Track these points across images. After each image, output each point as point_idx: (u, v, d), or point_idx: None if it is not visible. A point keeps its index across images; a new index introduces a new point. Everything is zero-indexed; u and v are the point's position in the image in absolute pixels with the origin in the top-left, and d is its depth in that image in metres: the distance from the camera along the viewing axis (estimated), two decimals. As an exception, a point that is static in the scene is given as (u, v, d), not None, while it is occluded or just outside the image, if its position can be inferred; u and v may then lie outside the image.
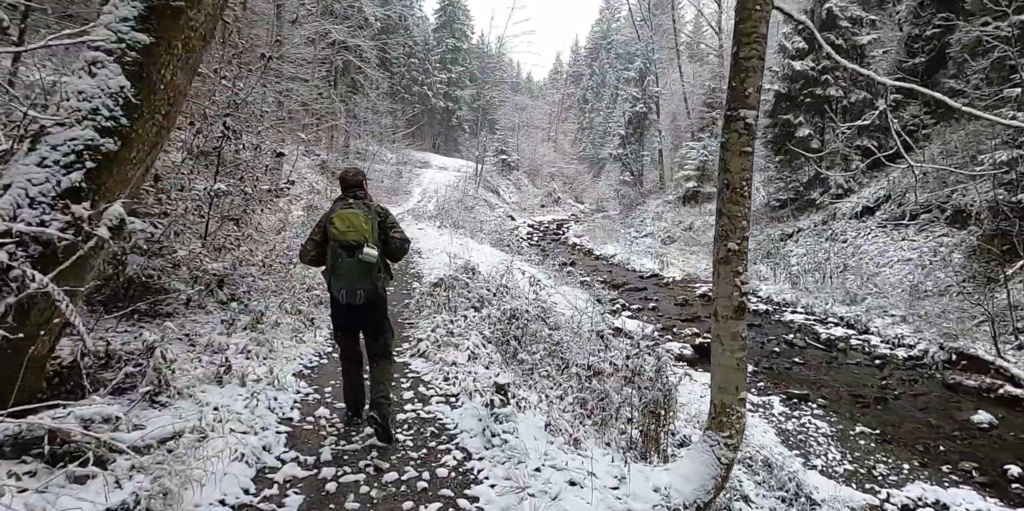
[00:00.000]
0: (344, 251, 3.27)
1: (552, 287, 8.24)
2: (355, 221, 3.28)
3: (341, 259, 3.28)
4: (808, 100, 16.02)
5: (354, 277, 3.29)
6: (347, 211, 3.33)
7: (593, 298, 8.57)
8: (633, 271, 16.73)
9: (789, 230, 15.97)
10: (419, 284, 8.05)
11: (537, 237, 25.55)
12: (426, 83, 51.30)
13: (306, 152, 21.87)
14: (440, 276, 6.78)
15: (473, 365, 4.36)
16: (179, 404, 3.31)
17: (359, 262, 3.25)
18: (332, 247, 3.33)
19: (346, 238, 3.24)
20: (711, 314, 3.08)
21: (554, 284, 9.75)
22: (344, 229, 3.26)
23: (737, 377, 3.09)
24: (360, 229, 3.27)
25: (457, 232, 14.26)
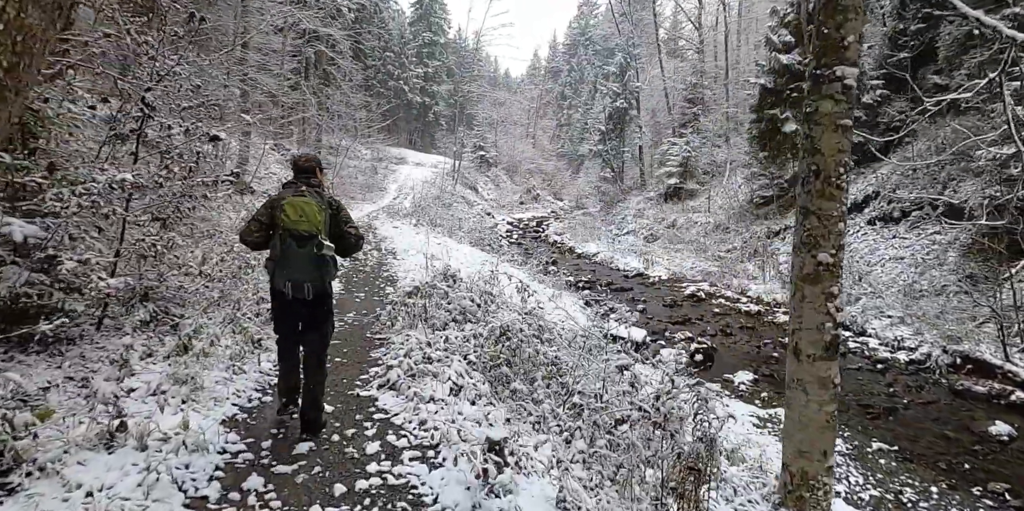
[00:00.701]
0: (294, 241, 3.05)
1: (540, 292, 7.61)
2: (308, 210, 3.08)
3: (290, 249, 3.06)
4: (795, 95, 15.66)
5: (303, 270, 3.09)
6: (300, 199, 3.11)
7: (587, 307, 7.96)
8: (617, 270, 16.22)
9: (776, 227, 15.62)
10: (392, 290, 7.37)
11: (517, 235, 24.93)
12: (402, 77, 50.24)
13: (275, 146, 20.88)
14: (416, 282, 6.11)
15: (456, 401, 3.53)
16: (36, 488, 2.39)
17: (312, 255, 3.06)
18: (281, 235, 3.08)
19: (298, 228, 3.04)
20: (789, 350, 2.30)
21: (542, 288, 9.13)
22: (296, 218, 3.05)
23: (825, 439, 2.32)
24: (313, 220, 3.08)
25: (435, 231, 13.56)
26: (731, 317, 10.96)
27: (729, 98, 26.29)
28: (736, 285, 13.40)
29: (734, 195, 21.49)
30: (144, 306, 4.44)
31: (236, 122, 12.34)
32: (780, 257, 14.53)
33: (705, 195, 23.44)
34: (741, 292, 13.03)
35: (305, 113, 19.30)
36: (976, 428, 6.23)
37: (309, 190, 3.21)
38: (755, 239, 15.76)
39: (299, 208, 3.07)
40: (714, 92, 28.17)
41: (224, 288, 5.69)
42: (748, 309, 11.40)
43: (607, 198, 29.83)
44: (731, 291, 13.14)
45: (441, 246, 10.13)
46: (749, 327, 10.21)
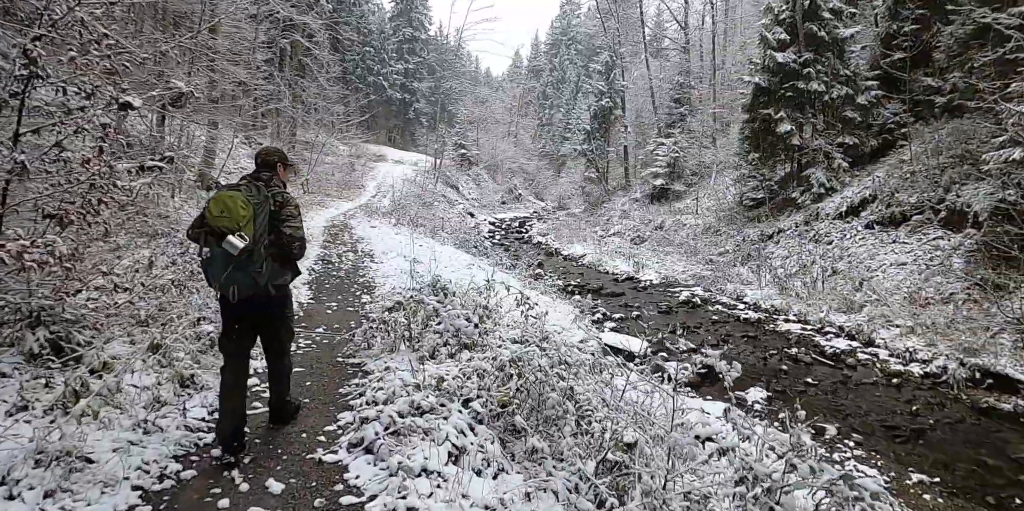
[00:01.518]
0: (213, 238, 2.87)
1: (540, 302, 6.90)
2: (231, 205, 2.83)
3: (212, 248, 2.90)
4: (789, 94, 15.23)
5: (223, 269, 2.90)
6: (226, 193, 2.87)
7: (581, 315, 7.28)
8: (606, 273, 15.60)
9: (769, 231, 15.15)
10: (370, 299, 6.61)
11: (500, 236, 24.22)
12: (382, 73, 49.22)
13: (247, 140, 19.82)
14: (397, 290, 5.38)
15: (458, 473, 2.57)
16: None
17: (224, 252, 2.84)
18: (204, 233, 2.91)
19: (216, 223, 2.82)
20: None
21: (535, 295, 8.42)
22: (217, 213, 2.82)
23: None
24: (235, 215, 2.82)
25: (416, 231, 12.76)
26: (730, 325, 10.39)
27: (716, 98, 25.93)
28: (731, 290, 12.87)
29: (722, 197, 21.08)
30: (32, 333, 3.42)
31: (198, 110, 11.42)
32: (775, 261, 14.06)
33: (692, 197, 23.01)
34: (737, 298, 12.50)
35: (278, 104, 18.29)
36: (1013, 452, 5.70)
37: (250, 184, 3.01)
38: (748, 242, 15.28)
39: (222, 203, 2.83)
40: (700, 92, 27.81)
41: (163, 302, 4.75)
42: (747, 316, 10.85)
43: (591, 199, 29.29)
44: (726, 297, 12.60)
45: (424, 248, 9.37)
46: (751, 336, 9.64)
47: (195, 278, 5.75)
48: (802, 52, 15.17)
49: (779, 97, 15.43)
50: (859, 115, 15.29)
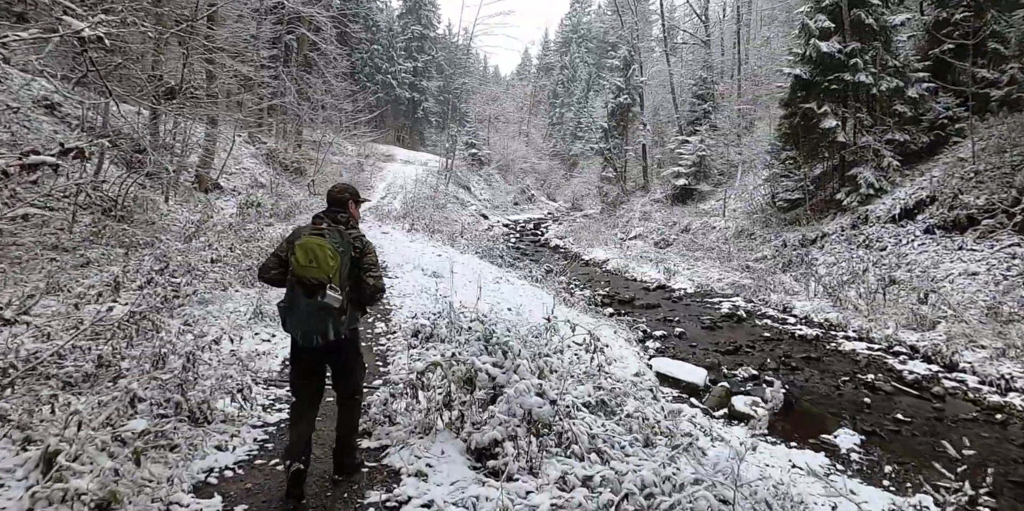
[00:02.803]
0: (301, 288, 2.67)
1: (578, 319, 5.81)
2: (320, 255, 2.66)
3: (298, 297, 2.70)
4: (833, 87, 14.04)
5: (310, 320, 2.72)
6: (313, 240, 2.70)
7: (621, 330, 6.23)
8: (634, 281, 14.50)
9: (811, 235, 13.97)
10: (385, 328, 5.58)
11: (515, 239, 23.13)
12: (390, 72, 48.23)
13: (250, 138, 18.85)
14: (418, 316, 4.38)
15: None
16: None
17: (318, 305, 2.66)
18: (290, 280, 2.75)
19: (305, 274, 2.65)
20: None
21: (575, 315, 7.32)
22: (305, 263, 2.65)
23: None
24: (324, 266, 2.65)
25: (433, 238, 11.66)
26: (785, 343, 9.26)
27: (741, 94, 24.72)
28: (776, 301, 11.73)
29: (750, 198, 19.91)
30: None
31: (194, 104, 10.42)
32: (820, 269, 12.90)
33: (716, 198, 21.85)
34: (784, 309, 11.36)
35: (282, 99, 17.28)
36: None
37: (331, 228, 2.86)
38: (789, 248, 14.11)
39: (310, 251, 2.69)
40: (723, 88, 26.61)
41: (107, 354, 3.55)
42: (802, 333, 9.72)
43: (608, 199, 28.14)
44: (772, 309, 11.47)
45: (443, 258, 8.29)
46: (813, 358, 8.50)
47: (168, 309, 4.74)
48: (847, 41, 13.99)
49: (822, 90, 14.25)
50: (909, 109, 14.08)
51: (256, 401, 3.81)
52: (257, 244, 7.72)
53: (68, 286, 4.73)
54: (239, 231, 8.15)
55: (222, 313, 5.67)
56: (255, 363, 4.54)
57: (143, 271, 5.41)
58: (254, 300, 6.10)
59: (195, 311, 4.93)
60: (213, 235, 7.78)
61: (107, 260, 5.87)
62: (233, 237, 7.98)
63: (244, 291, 6.65)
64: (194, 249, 6.76)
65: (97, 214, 8.50)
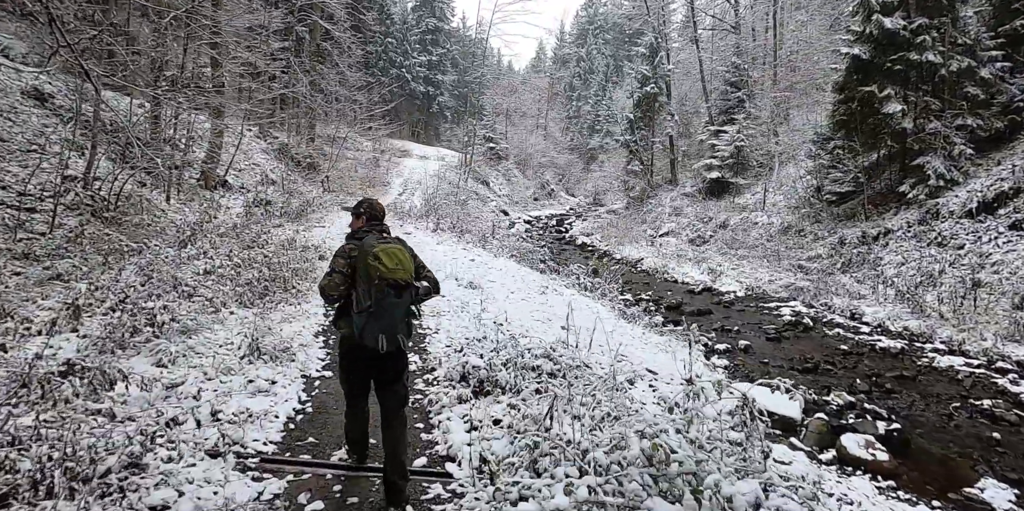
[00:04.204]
0: (392, 290, 2.81)
1: (647, 338, 4.71)
2: (402, 258, 2.88)
3: (387, 300, 2.81)
4: (897, 67, 12.70)
5: (397, 321, 2.87)
6: (392, 246, 2.90)
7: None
8: (675, 282, 13.33)
9: (873, 231, 12.68)
10: (420, 363, 4.51)
11: (538, 236, 22.01)
12: (404, 65, 47.21)
13: (261, 134, 17.91)
14: (465, 355, 3.33)
15: None
16: None
17: (407, 303, 2.89)
18: (377, 286, 2.79)
19: (395, 277, 2.81)
20: None
21: (631, 330, 6.19)
22: (393, 266, 2.82)
23: None
24: (408, 267, 2.89)
25: (462, 239, 10.53)
26: (867, 358, 8.06)
27: (777, 81, 23.31)
28: (841, 306, 10.51)
29: (791, 191, 18.58)
30: None
31: (198, 93, 9.45)
32: (887, 269, 11.63)
33: (753, 191, 20.54)
34: (852, 316, 10.15)
35: (292, 88, 16.26)
36: None
37: (390, 237, 3.06)
38: (848, 246, 12.84)
39: (394, 256, 2.84)
40: (757, 75, 25.18)
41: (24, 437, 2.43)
42: (883, 345, 8.51)
43: (634, 194, 26.89)
44: (838, 315, 10.26)
45: (477, 263, 7.21)
46: (907, 377, 7.30)
47: (136, 341, 3.72)
48: (912, 16, 12.63)
49: (883, 71, 12.91)
50: (981, 91, 12.70)
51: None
52: (261, 251, 6.60)
53: (16, 311, 3.73)
54: (242, 234, 7.09)
55: (209, 348, 4.46)
56: (243, 431, 3.33)
57: (119, 287, 4.40)
58: (251, 327, 4.86)
59: (172, 347, 3.88)
60: (212, 240, 6.77)
61: (81, 272, 4.89)
62: (235, 242, 6.93)
63: (240, 314, 5.46)
64: (187, 257, 5.76)
65: (87, 215, 7.56)
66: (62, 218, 6.91)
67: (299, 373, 4.50)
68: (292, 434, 3.59)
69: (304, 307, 6.31)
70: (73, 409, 2.91)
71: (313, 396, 4.19)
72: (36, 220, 6.59)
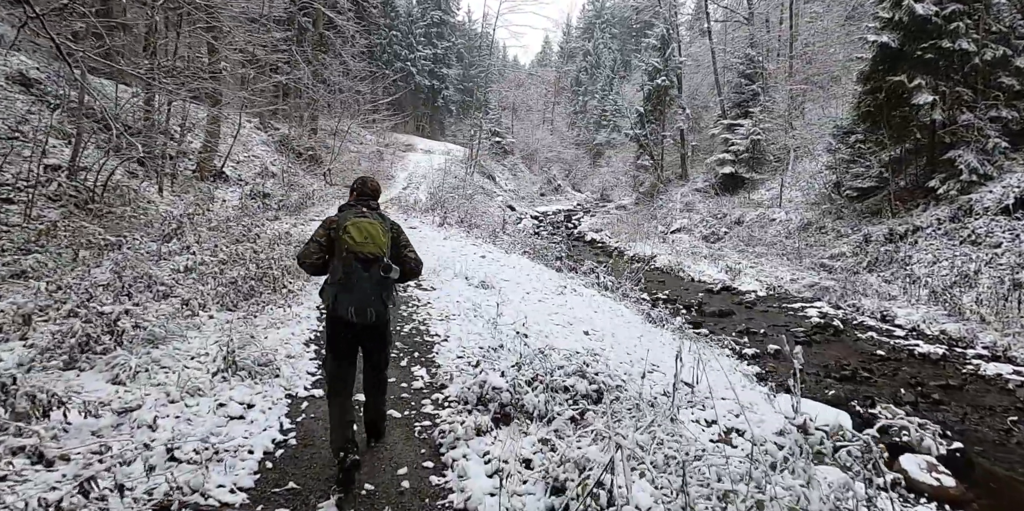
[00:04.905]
0: (360, 264, 2.86)
1: (701, 351, 4.18)
2: (373, 232, 2.89)
3: (356, 273, 2.86)
4: (929, 56, 12.06)
5: (367, 294, 2.88)
6: (363, 220, 2.93)
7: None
8: (692, 281, 12.76)
9: (901, 228, 12.07)
10: (428, 378, 3.94)
11: (546, 232, 21.44)
12: (409, 59, 46.56)
13: (262, 125, 17.37)
14: (484, 375, 2.82)
15: None
16: None
17: (379, 278, 2.88)
18: (345, 259, 2.86)
19: (364, 250, 2.85)
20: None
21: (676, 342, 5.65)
22: (362, 240, 2.86)
23: None
24: (379, 242, 2.90)
25: (470, 234, 9.96)
26: (906, 365, 7.49)
27: (793, 74, 22.63)
28: (871, 308, 9.92)
29: (807, 187, 17.98)
30: None
31: (192, 78, 8.92)
32: (917, 268, 11.03)
33: (767, 187, 19.94)
34: (883, 318, 9.56)
35: (292, 77, 15.70)
36: None
37: (371, 212, 3.04)
38: (874, 244, 12.24)
39: (364, 230, 2.87)
40: (771, 68, 24.49)
41: None
42: (921, 350, 7.93)
43: (643, 189, 26.29)
44: (868, 317, 9.67)
45: (488, 260, 6.67)
46: (953, 387, 6.73)
47: (90, 354, 3.17)
48: (945, 2, 11.97)
49: (913, 60, 12.27)
50: (1017, 81, 12.06)
51: None
52: (251, 245, 6.05)
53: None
54: (233, 228, 6.53)
55: (177, 360, 3.79)
56: (205, 475, 2.62)
57: (83, 287, 3.87)
58: (228, 337, 4.07)
59: (133, 360, 3.31)
60: (198, 233, 6.23)
61: (48, 269, 4.37)
62: (223, 236, 6.39)
63: (221, 318, 4.80)
64: (168, 252, 5.23)
65: (70, 207, 7.05)
66: (42, 210, 6.40)
67: (283, 392, 3.84)
68: (268, 476, 2.90)
69: (295, 310, 5.75)
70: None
71: (299, 423, 3.54)
72: (12, 212, 6.08)
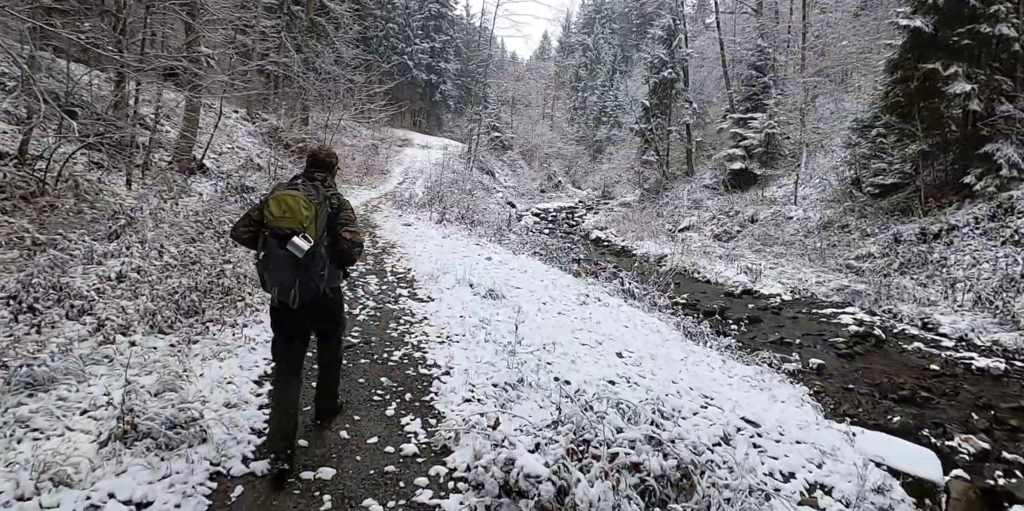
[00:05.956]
0: (276, 241, 2.57)
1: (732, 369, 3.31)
2: (293, 205, 2.57)
3: (271, 249, 2.59)
4: (965, 42, 11.20)
5: (286, 273, 2.59)
6: (286, 192, 2.62)
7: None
8: (708, 282, 11.91)
9: (934, 228, 11.22)
10: (425, 438, 2.88)
11: (548, 230, 20.56)
12: (406, 52, 45.51)
13: (249, 115, 16.41)
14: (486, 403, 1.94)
15: None
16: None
17: (289, 255, 2.55)
18: (264, 234, 2.62)
19: (278, 224, 2.56)
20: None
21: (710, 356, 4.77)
22: (279, 214, 2.56)
23: None
24: (298, 215, 2.56)
25: (473, 233, 9.01)
26: (968, 382, 6.64)
27: (805, 66, 21.76)
28: (909, 314, 9.07)
29: (825, 183, 17.15)
30: None
31: (159, 60, 8.01)
32: (955, 270, 10.19)
33: (779, 183, 19.10)
34: (925, 326, 8.71)
35: (277, 61, 14.73)
36: None
37: (307, 184, 2.74)
38: (905, 244, 11.39)
39: (283, 202, 2.57)
40: (785, 59, 23.63)
41: None
42: (979, 364, 7.08)
43: (648, 185, 25.40)
44: (908, 324, 8.82)
45: (495, 263, 5.75)
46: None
47: None
48: (986, -18, 11.12)
49: (947, 47, 11.41)
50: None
51: None
52: (204, 245, 5.07)
53: None
54: (192, 226, 5.55)
55: (58, 418, 2.73)
56: None
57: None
58: (127, 384, 2.91)
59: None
60: (146, 233, 5.28)
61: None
62: (179, 234, 5.43)
63: (147, 344, 3.63)
64: (105, 254, 4.28)
65: (15, 200, 6.12)
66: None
67: (206, 472, 2.60)
68: None
69: (251, 332, 4.42)
70: None
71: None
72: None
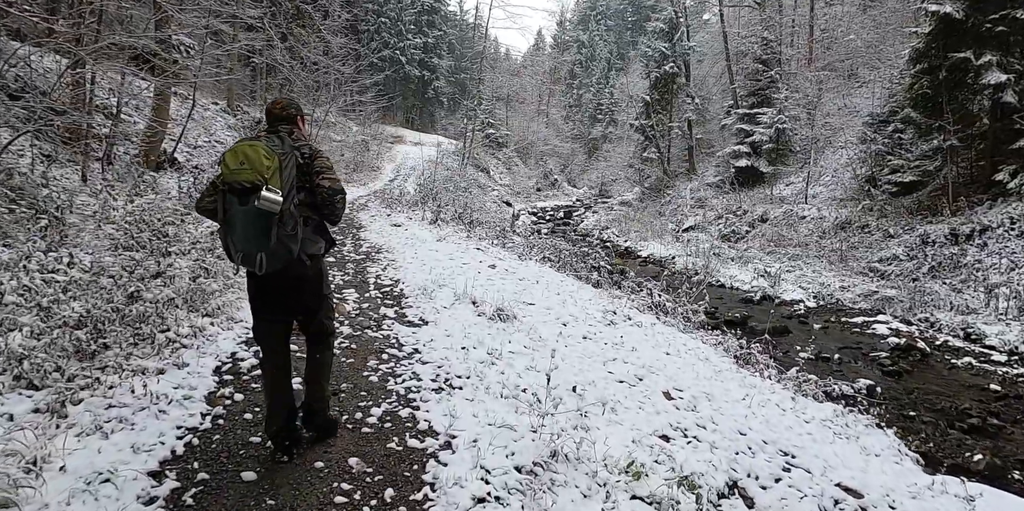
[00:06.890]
0: (234, 197, 2.12)
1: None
2: (252, 155, 2.09)
3: (231, 208, 2.15)
4: (1000, 28, 10.43)
5: (249, 234, 2.14)
6: (243, 144, 2.14)
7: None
8: (723, 287, 11.09)
9: (965, 228, 10.44)
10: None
11: (546, 231, 19.69)
12: (399, 47, 44.46)
13: (229, 108, 15.43)
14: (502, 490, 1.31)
15: None
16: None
17: (255, 212, 2.09)
18: (221, 191, 2.18)
19: (236, 178, 2.07)
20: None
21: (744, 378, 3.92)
22: (236, 166, 2.08)
23: None
24: (258, 166, 2.08)
25: (472, 235, 8.06)
26: (1032, 404, 5.83)
27: (813, 60, 21.02)
28: (949, 323, 8.27)
29: (837, 180, 16.42)
30: None
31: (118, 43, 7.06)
32: (992, 275, 9.41)
33: (787, 181, 18.35)
34: (968, 336, 7.91)
35: (257, 47, 13.75)
36: None
37: (269, 135, 2.30)
38: (934, 246, 10.60)
39: (240, 154, 2.09)
40: (791, 53, 22.89)
41: None
42: (1044, 384, 6.27)
43: (649, 184, 24.61)
44: (949, 335, 8.01)
45: (499, 270, 4.86)
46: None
47: None
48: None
49: (981, 34, 10.64)
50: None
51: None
52: (136, 253, 4.01)
53: None
54: (135, 228, 4.63)
55: None
56: None
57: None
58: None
59: None
60: (64, 232, 4.37)
61: None
62: (109, 238, 4.50)
63: (37, 399, 2.47)
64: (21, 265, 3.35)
65: (-68, 197, 5.16)
66: None
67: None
68: None
69: (166, 382, 2.91)
70: None
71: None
72: None
